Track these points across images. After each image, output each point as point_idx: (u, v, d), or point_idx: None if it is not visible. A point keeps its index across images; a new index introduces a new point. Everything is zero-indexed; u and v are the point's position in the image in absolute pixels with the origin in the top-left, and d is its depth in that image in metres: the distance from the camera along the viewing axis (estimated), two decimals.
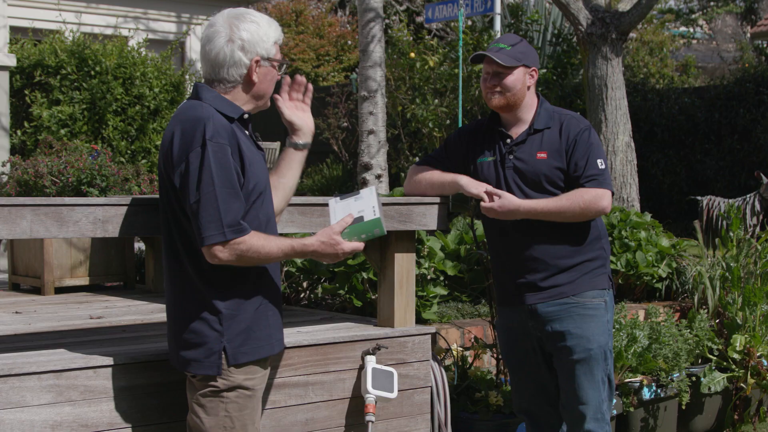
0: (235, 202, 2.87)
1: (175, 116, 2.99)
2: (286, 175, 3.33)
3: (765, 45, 18.03)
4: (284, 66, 3.12)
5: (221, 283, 2.94)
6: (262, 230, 2.99)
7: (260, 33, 3.00)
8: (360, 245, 3.10)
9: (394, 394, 3.82)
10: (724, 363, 5.64)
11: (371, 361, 3.85)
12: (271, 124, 16.62)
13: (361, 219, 3.14)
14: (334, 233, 3.06)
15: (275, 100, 3.25)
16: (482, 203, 3.70)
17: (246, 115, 3.05)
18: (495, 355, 5.00)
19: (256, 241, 2.89)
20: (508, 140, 3.79)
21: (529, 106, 3.80)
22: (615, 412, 4.98)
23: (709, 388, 5.44)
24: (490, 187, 3.71)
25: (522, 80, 3.74)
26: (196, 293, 2.94)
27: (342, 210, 3.18)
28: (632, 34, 15.48)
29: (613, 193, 3.78)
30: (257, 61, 3.00)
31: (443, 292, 5.44)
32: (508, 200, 3.66)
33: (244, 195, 2.93)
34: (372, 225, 3.13)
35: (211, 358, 2.92)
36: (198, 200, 2.84)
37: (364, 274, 5.07)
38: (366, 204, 3.19)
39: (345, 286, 5.15)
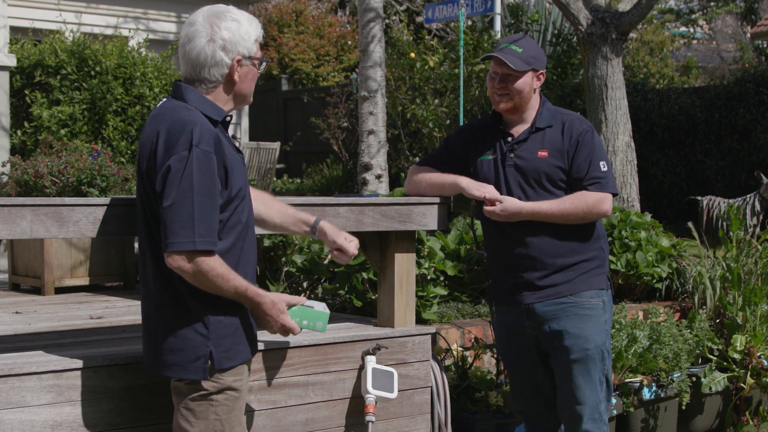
0: (211, 213, 2.81)
1: (157, 116, 2.92)
2: (273, 216, 3.34)
3: (765, 45, 18.02)
4: (264, 63, 3.07)
5: None
6: (243, 232, 2.96)
7: (241, 32, 2.95)
8: (296, 328, 3.04)
9: (394, 394, 3.82)
10: (725, 363, 5.64)
11: (371, 361, 3.85)
12: (271, 124, 16.65)
13: (311, 308, 3.17)
14: (286, 302, 3.02)
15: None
16: (485, 207, 3.71)
17: (229, 118, 3.01)
18: (495, 355, 5.00)
19: (219, 267, 2.83)
20: (510, 138, 3.79)
21: (532, 106, 3.81)
22: (615, 412, 4.98)
23: (710, 388, 5.44)
24: (491, 191, 3.71)
25: (530, 84, 3.74)
26: (178, 295, 2.88)
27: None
28: (632, 34, 15.47)
29: (616, 195, 3.80)
30: (239, 61, 2.95)
31: (443, 292, 5.44)
32: (511, 203, 3.67)
33: (226, 200, 2.89)
34: (318, 316, 3.17)
35: (197, 362, 2.87)
36: (172, 204, 2.78)
37: (364, 274, 5.06)
38: (316, 303, 3.23)
39: (345, 286, 5.14)
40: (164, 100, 3.01)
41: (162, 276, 2.90)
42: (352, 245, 3.37)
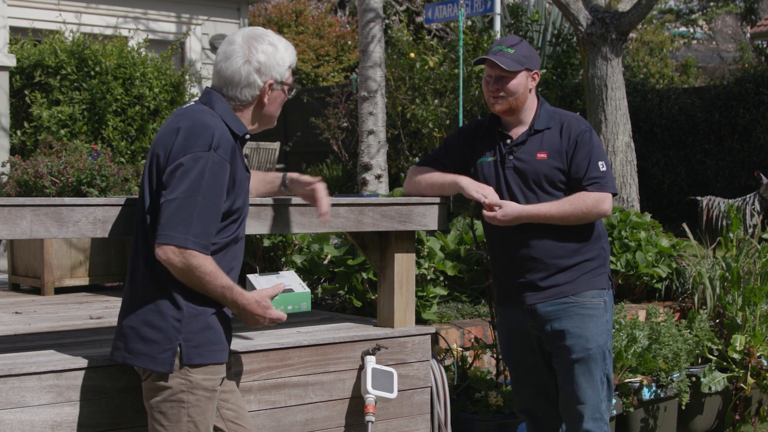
0: (210, 218, 2.85)
1: (182, 114, 2.97)
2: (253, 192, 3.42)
3: (765, 45, 18.03)
4: (294, 90, 3.15)
5: None
6: (235, 246, 3.00)
7: (277, 57, 3.03)
8: (283, 316, 3.06)
9: (394, 395, 3.82)
10: (724, 363, 5.65)
11: (371, 362, 3.85)
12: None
13: (291, 291, 3.17)
14: (268, 296, 3.03)
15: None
16: (485, 213, 3.71)
17: (247, 136, 3.06)
18: (495, 355, 5.00)
19: (209, 265, 2.85)
20: (508, 141, 3.79)
21: (530, 108, 3.80)
22: (615, 412, 4.98)
23: (709, 388, 5.44)
24: (491, 195, 3.70)
25: (524, 84, 3.74)
26: (163, 289, 2.90)
27: (266, 283, 3.17)
28: (632, 35, 15.48)
29: (615, 194, 3.80)
30: (270, 85, 3.03)
31: (443, 292, 5.44)
32: (511, 208, 3.67)
33: (227, 213, 2.93)
34: (300, 298, 3.18)
35: (165, 354, 2.88)
36: (176, 198, 2.81)
37: (364, 274, 5.06)
38: (291, 280, 3.24)
39: (345, 286, 5.14)
40: (192, 102, 3.07)
41: (152, 270, 2.91)
42: (319, 187, 3.42)
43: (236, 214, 2.98)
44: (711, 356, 5.69)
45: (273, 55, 3.02)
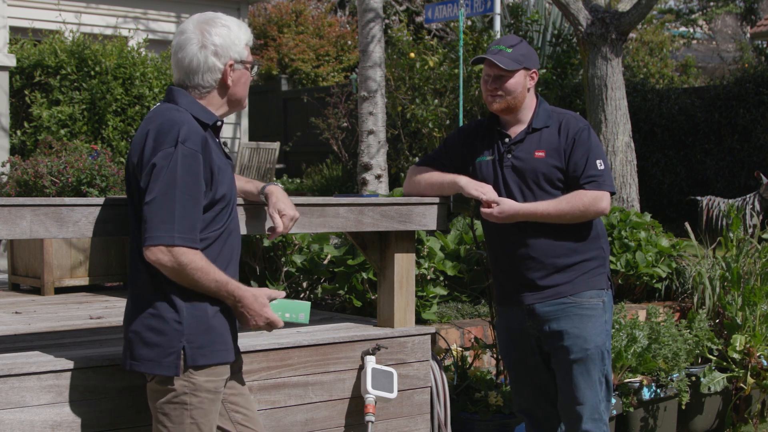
0: (192, 211, 2.83)
1: (149, 118, 2.96)
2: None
3: (765, 45, 18.02)
4: (256, 67, 3.12)
5: None
6: (224, 236, 2.97)
7: (232, 37, 3.00)
8: (280, 321, 3.01)
9: (393, 395, 3.82)
10: (724, 363, 5.65)
11: (371, 362, 3.85)
12: (271, 124, 16.65)
13: (292, 299, 3.20)
14: (267, 296, 3.00)
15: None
16: (482, 209, 3.71)
17: (219, 122, 3.04)
18: (495, 355, 5.00)
19: (199, 260, 2.83)
20: (507, 139, 3.79)
21: (528, 107, 3.81)
22: (615, 412, 4.98)
23: (709, 388, 5.44)
24: (489, 192, 3.71)
25: (523, 83, 3.74)
26: (161, 290, 2.89)
27: None
28: (632, 35, 15.48)
29: (613, 193, 3.80)
30: (231, 65, 3.00)
31: (443, 292, 5.44)
32: (508, 205, 3.67)
33: (211, 203, 2.90)
34: (300, 307, 3.14)
35: (169, 357, 2.87)
36: (154, 198, 2.80)
37: (364, 274, 5.06)
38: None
39: (345, 286, 5.14)
40: (158, 104, 3.04)
41: (148, 272, 2.90)
42: (281, 219, 3.26)
43: (222, 203, 2.94)
44: (711, 356, 5.69)
45: (227, 35, 2.99)
